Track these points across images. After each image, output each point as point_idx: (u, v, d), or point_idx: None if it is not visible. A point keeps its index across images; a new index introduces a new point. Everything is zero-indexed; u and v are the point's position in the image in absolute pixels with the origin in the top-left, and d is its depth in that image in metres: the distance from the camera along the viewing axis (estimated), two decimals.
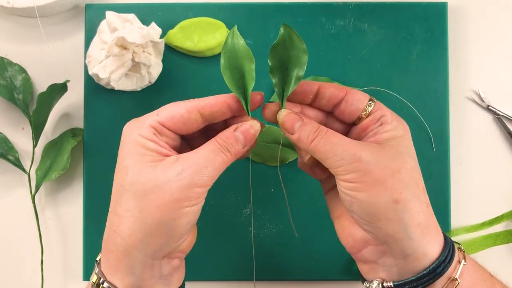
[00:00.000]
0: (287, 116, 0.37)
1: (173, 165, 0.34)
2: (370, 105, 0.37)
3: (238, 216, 0.53)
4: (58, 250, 0.55)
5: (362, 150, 0.34)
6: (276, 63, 0.37)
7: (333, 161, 0.34)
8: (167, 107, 0.37)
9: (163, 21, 0.53)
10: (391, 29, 0.54)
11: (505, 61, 0.56)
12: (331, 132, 0.35)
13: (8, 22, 0.56)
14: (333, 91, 0.37)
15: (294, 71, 0.37)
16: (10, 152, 0.53)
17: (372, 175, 0.33)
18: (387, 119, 0.36)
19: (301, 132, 0.36)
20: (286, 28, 0.37)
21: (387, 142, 0.35)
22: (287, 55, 0.37)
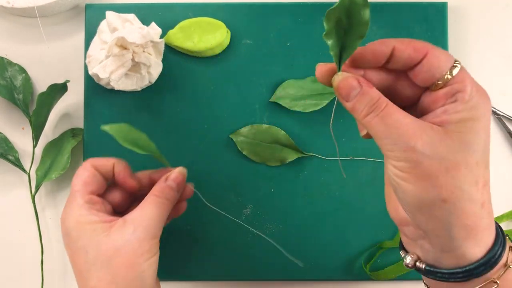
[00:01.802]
0: (343, 81, 0.32)
1: (124, 227, 0.38)
2: (451, 72, 0.31)
3: (238, 216, 0.53)
4: (58, 250, 0.55)
5: (420, 138, 0.29)
6: (333, 25, 0.32)
7: (384, 143, 0.30)
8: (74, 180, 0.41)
9: (163, 21, 0.53)
10: (391, 29, 0.53)
11: (505, 61, 0.56)
12: (389, 109, 0.30)
13: (8, 22, 0.56)
14: (410, 54, 0.31)
15: (355, 30, 0.32)
16: (10, 152, 0.53)
17: (423, 169, 0.29)
18: (463, 96, 0.30)
19: (356, 103, 0.31)
20: None
21: (454, 128, 0.30)
22: (346, 15, 0.32)
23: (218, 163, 0.53)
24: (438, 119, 0.30)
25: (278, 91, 0.53)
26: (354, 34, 0.32)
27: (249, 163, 0.53)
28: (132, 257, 0.38)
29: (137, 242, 0.38)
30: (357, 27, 0.32)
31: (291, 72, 0.53)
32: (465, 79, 0.31)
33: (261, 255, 0.53)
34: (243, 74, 0.53)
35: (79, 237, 0.39)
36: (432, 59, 0.31)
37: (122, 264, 0.37)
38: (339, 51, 0.33)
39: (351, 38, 0.32)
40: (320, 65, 0.34)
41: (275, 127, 0.53)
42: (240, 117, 0.53)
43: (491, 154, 0.55)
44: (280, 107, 0.53)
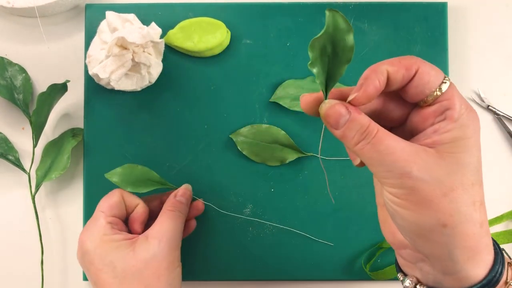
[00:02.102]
0: (331, 109, 0.31)
1: (148, 242, 0.42)
2: (440, 88, 0.30)
3: (238, 216, 0.53)
4: (58, 250, 0.55)
5: (415, 162, 0.29)
6: (317, 53, 0.32)
7: (379, 171, 0.30)
8: (101, 202, 0.45)
9: (163, 21, 0.53)
10: (391, 29, 0.54)
11: (505, 61, 0.56)
12: (381, 135, 0.30)
13: (8, 22, 0.56)
14: (404, 74, 0.31)
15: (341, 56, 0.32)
16: (10, 152, 0.53)
17: (420, 194, 0.29)
18: (453, 114, 0.30)
19: (346, 130, 0.30)
20: (332, 14, 0.31)
21: (447, 148, 0.29)
22: (330, 42, 0.32)
23: (218, 163, 0.53)
24: (430, 140, 0.30)
25: (278, 91, 0.53)
26: (340, 60, 0.32)
27: (249, 163, 0.53)
28: (160, 268, 0.41)
29: (163, 254, 0.41)
30: (343, 53, 0.32)
31: (291, 72, 0.53)
32: (454, 96, 0.30)
33: (261, 255, 0.53)
34: (243, 74, 0.53)
35: (105, 254, 0.41)
36: (423, 74, 0.30)
37: (153, 275, 0.41)
38: (325, 79, 0.32)
39: (337, 64, 0.32)
40: (304, 95, 0.33)
41: (275, 127, 0.52)
42: (240, 117, 0.53)
43: (491, 154, 0.56)
44: (280, 107, 0.53)
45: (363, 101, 0.31)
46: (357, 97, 0.30)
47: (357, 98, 0.30)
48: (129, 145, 0.53)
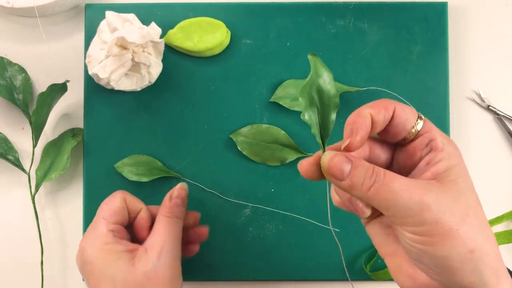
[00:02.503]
0: (332, 160, 0.30)
1: (147, 254, 0.40)
2: (417, 124, 0.32)
3: (238, 216, 0.53)
4: (58, 250, 0.55)
5: (429, 195, 0.29)
6: (307, 102, 0.33)
7: (397, 211, 0.29)
8: (103, 206, 0.43)
9: (163, 21, 0.53)
10: (391, 29, 0.53)
11: (505, 61, 0.56)
12: (389, 175, 0.30)
13: (8, 22, 0.56)
14: (385, 115, 0.32)
15: (327, 104, 0.33)
16: (10, 152, 0.53)
17: (443, 226, 0.29)
18: (437, 144, 0.31)
19: (353, 178, 0.30)
20: (313, 59, 0.33)
21: (446, 177, 0.30)
22: (316, 91, 0.33)
23: (218, 163, 0.53)
24: (429, 173, 0.31)
25: (278, 91, 0.53)
26: (328, 107, 0.33)
27: (249, 163, 0.53)
28: (161, 282, 0.40)
29: (163, 268, 0.40)
30: (329, 101, 0.33)
31: (291, 72, 0.53)
32: (432, 128, 0.32)
33: (261, 255, 0.53)
34: (243, 74, 0.53)
35: (105, 266, 0.40)
36: (401, 113, 0.32)
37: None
38: (320, 130, 0.33)
39: (326, 113, 0.33)
40: (301, 163, 0.33)
41: (275, 127, 0.52)
42: (240, 117, 0.53)
43: (491, 154, 0.56)
44: (280, 107, 0.53)
45: (357, 144, 0.31)
46: (351, 142, 0.31)
47: (351, 143, 0.31)
48: (129, 145, 0.53)
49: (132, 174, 0.52)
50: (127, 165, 0.52)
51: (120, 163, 0.52)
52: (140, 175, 0.52)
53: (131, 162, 0.52)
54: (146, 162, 0.52)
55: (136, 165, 0.52)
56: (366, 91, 0.53)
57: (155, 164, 0.52)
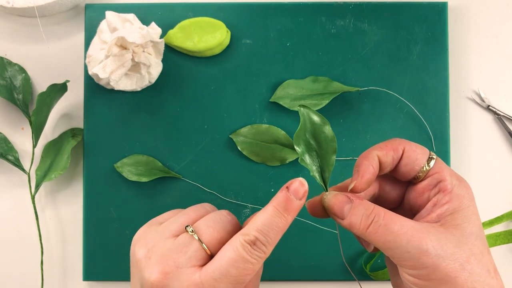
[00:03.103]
0: (333, 199, 0.32)
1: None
2: (428, 164, 0.32)
3: (238, 216, 0.53)
4: (58, 250, 0.55)
5: (428, 239, 0.29)
6: (304, 148, 0.34)
7: (395, 253, 0.30)
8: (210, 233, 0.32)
9: (163, 21, 0.53)
10: (391, 29, 0.53)
11: (505, 61, 0.56)
12: (389, 216, 0.30)
13: (8, 22, 0.56)
14: (393, 156, 0.32)
15: (325, 148, 0.34)
16: (9, 152, 0.53)
17: (441, 272, 0.29)
18: (446, 185, 0.32)
19: (352, 217, 0.31)
20: (304, 110, 0.34)
21: (450, 221, 0.31)
22: (312, 136, 0.34)
23: (218, 163, 0.53)
24: (434, 214, 0.31)
25: (278, 91, 0.53)
26: (326, 152, 0.34)
27: (249, 163, 0.53)
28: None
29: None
30: (326, 145, 0.34)
31: (291, 72, 0.53)
32: (443, 169, 0.32)
33: None
34: (243, 74, 0.53)
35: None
36: (410, 153, 0.32)
37: None
38: (320, 172, 0.34)
39: (325, 156, 0.34)
40: (308, 201, 0.34)
41: (275, 127, 0.52)
42: (240, 117, 0.53)
43: (491, 154, 0.56)
44: (280, 107, 0.53)
45: (363, 187, 0.32)
46: (356, 184, 0.32)
47: (357, 185, 0.32)
48: (129, 145, 0.53)
49: (132, 174, 0.52)
50: (127, 165, 0.52)
51: (120, 163, 0.52)
52: (140, 175, 0.52)
53: (131, 162, 0.52)
54: (146, 162, 0.52)
55: (136, 165, 0.52)
56: (366, 91, 0.53)
57: (155, 164, 0.52)
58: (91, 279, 0.53)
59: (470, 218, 0.31)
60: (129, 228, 0.53)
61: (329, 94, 0.52)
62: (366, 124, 0.53)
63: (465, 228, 0.30)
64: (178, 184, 0.53)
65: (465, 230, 0.30)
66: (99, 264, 0.53)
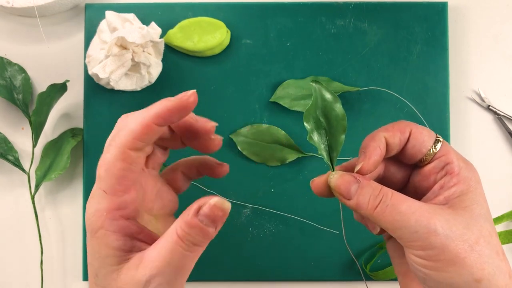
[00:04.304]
0: (340, 179, 0.31)
1: (137, 270, 0.28)
2: (435, 146, 0.32)
3: (238, 216, 0.53)
4: (58, 250, 0.55)
5: (437, 219, 0.29)
6: (313, 125, 0.33)
7: (403, 233, 0.29)
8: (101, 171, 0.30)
9: (163, 21, 0.53)
10: (391, 29, 0.53)
11: (505, 61, 0.56)
12: (397, 196, 0.30)
13: (7, 22, 0.56)
14: (400, 137, 0.32)
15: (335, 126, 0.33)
16: (9, 152, 0.53)
17: (449, 253, 0.28)
18: (453, 167, 0.31)
19: (359, 197, 0.30)
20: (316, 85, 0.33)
21: (459, 203, 0.30)
22: (323, 114, 0.34)
23: None
24: (441, 197, 0.31)
25: (278, 91, 0.53)
26: (336, 130, 0.33)
27: (249, 163, 0.53)
28: None
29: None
30: (337, 123, 0.33)
31: (291, 72, 0.53)
32: (450, 151, 0.32)
33: (261, 255, 0.53)
34: (243, 74, 0.53)
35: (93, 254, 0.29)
36: (417, 135, 0.32)
37: None
38: (327, 151, 0.34)
39: (334, 134, 0.33)
40: (313, 181, 0.33)
41: (275, 127, 0.52)
42: (240, 117, 0.53)
43: (491, 154, 0.55)
44: (280, 107, 0.53)
45: (369, 168, 0.31)
46: (363, 166, 0.31)
47: (363, 167, 0.31)
48: None
49: None
50: None
51: None
52: None
53: None
54: None
55: None
56: (366, 91, 0.53)
57: None
58: None
59: (478, 200, 0.30)
60: None
61: None
62: (366, 124, 0.53)
63: (473, 210, 0.30)
64: None
65: (474, 212, 0.30)
66: None
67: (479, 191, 0.31)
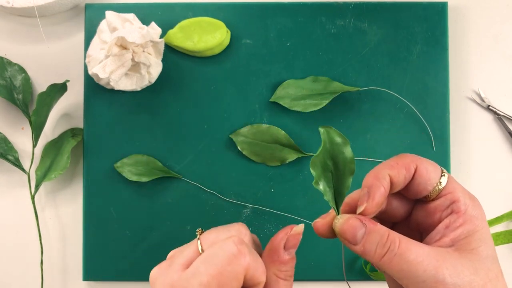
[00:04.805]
0: (345, 224, 0.30)
1: None
2: (440, 183, 0.31)
3: (238, 216, 0.53)
4: (58, 250, 0.55)
5: (445, 267, 0.28)
6: (320, 171, 0.32)
7: (410, 282, 0.28)
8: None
9: (163, 21, 0.53)
10: (391, 29, 0.53)
11: (505, 61, 0.56)
12: (405, 244, 0.29)
13: (8, 22, 0.56)
14: (405, 175, 0.31)
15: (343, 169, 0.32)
16: (9, 152, 0.53)
17: None
18: (459, 206, 0.30)
19: (366, 244, 0.30)
20: (326, 130, 0.32)
21: (465, 245, 0.29)
22: (330, 157, 0.32)
23: (218, 163, 0.53)
24: (447, 239, 0.30)
25: (278, 91, 0.53)
26: (344, 173, 0.32)
27: (249, 163, 0.53)
28: None
29: None
30: (344, 166, 0.32)
31: (291, 72, 0.53)
32: (456, 189, 0.31)
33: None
34: (243, 74, 0.53)
35: None
36: (423, 171, 0.31)
37: None
38: (333, 195, 0.32)
39: (341, 178, 0.32)
40: (316, 222, 0.32)
41: (275, 127, 0.52)
42: (240, 117, 0.53)
43: (491, 154, 0.56)
44: (280, 107, 0.53)
45: (373, 210, 0.30)
46: (366, 208, 0.30)
47: (367, 209, 0.30)
48: (128, 145, 0.53)
49: (132, 174, 0.52)
50: (127, 165, 0.52)
51: (120, 163, 0.52)
52: (140, 175, 0.52)
53: (131, 162, 0.52)
54: (146, 162, 0.52)
55: (136, 165, 0.52)
56: (366, 91, 0.53)
57: (155, 164, 0.52)
58: (91, 279, 0.53)
59: (485, 239, 0.30)
60: (129, 228, 0.53)
61: (329, 94, 0.52)
62: (366, 124, 0.53)
63: (481, 252, 0.29)
64: (178, 184, 0.53)
65: (481, 254, 0.29)
66: (99, 264, 0.53)
67: (485, 229, 0.30)
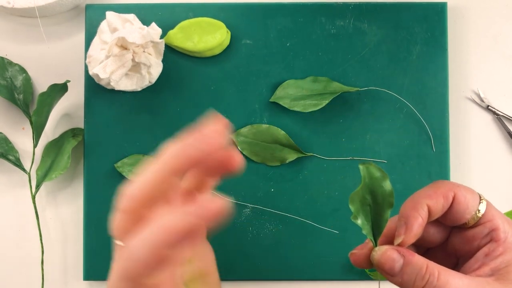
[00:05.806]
0: (383, 256, 0.30)
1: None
2: (479, 211, 0.31)
3: (238, 216, 0.53)
4: (58, 250, 0.55)
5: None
6: (358, 206, 0.32)
7: None
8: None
9: (163, 21, 0.53)
10: (391, 29, 0.54)
11: (505, 61, 0.56)
12: (445, 276, 0.28)
13: (8, 22, 0.56)
14: (443, 204, 0.31)
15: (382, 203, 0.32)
16: (10, 152, 0.53)
17: None
18: (499, 234, 0.30)
19: (404, 275, 0.29)
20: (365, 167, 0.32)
21: (506, 275, 0.29)
22: (369, 192, 0.32)
23: None
24: (487, 269, 0.29)
25: (278, 91, 0.53)
26: (382, 207, 0.32)
27: (249, 163, 0.53)
28: None
29: None
30: (383, 200, 0.32)
31: (291, 72, 0.53)
32: (495, 216, 0.31)
33: (261, 255, 0.53)
34: (243, 74, 0.54)
35: None
36: (461, 199, 0.30)
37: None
38: (371, 228, 0.32)
39: (379, 211, 0.32)
40: (353, 253, 0.32)
41: (275, 127, 0.53)
42: (240, 117, 0.53)
43: (491, 154, 0.56)
44: (280, 107, 0.53)
45: (411, 241, 0.30)
46: (404, 240, 0.30)
47: (405, 241, 0.30)
48: (129, 145, 0.53)
49: (132, 174, 0.52)
50: (127, 165, 0.52)
51: (120, 163, 0.52)
52: None
53: (131, 162, 0.52)
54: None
55: (136, 165, 0.52)
56: (366, 91, 0.53)
57: None
58: (92, 279, 0.53)
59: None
60: None
61: (329, 94, 0.52)
62: (366, 124, 0.53)
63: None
64: None
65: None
66: (100, 264, 0.53)
67: None
